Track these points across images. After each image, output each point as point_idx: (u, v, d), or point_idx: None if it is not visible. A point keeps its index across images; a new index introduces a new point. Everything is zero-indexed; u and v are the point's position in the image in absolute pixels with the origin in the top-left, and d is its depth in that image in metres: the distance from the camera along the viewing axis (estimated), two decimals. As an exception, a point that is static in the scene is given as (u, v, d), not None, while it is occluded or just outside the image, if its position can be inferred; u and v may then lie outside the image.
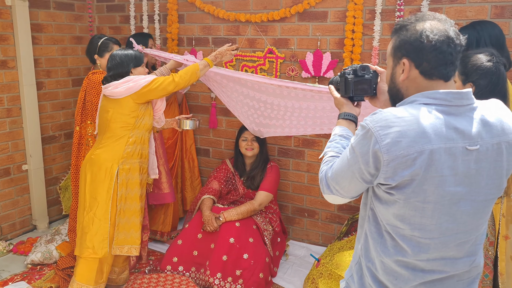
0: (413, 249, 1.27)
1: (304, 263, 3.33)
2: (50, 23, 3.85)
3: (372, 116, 1.25)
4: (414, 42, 1.26)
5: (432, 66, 1.26)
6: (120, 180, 2.67)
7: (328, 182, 1.37)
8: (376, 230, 1.34)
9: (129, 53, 2.73)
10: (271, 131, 3.11)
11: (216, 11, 3.56)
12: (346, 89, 1.55)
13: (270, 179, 3.30)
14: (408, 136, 1.18)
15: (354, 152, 1.27)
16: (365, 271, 1.39)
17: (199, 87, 3.85)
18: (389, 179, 1.21)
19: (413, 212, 1.23)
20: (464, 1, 2.80)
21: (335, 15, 3.19)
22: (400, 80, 1.32)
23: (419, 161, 1.18)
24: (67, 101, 4.05)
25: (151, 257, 3.42)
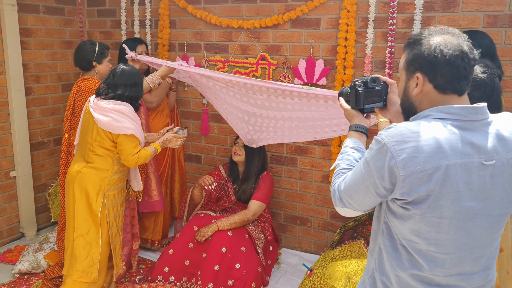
0: (429, 263, 1.26)
1: (297, 271, 3.30)
2: (39, 28, 3.80)
3: (387, 130, 1.25)
4: (428, 56, 1.26)
5: (446, 80, 1.25)
6: (108, 206, 2.68)
7: (341, 195, 1.36)
8: (391, 244, 1.33)
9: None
10: (264, 139, 3.09)
11: (208, 17, 3.54)
12: (356, 101, 1.54)
13: (264, 189, 3.24)
14: (424, 152, 1.18)
15: (369, 166, 1.26)
16: (379, 285, 1.38)
17: (191, 93, 3.82)
18: (405, 194, 1.21)
19: (428, 228, 1.23)
20: (457, 10, 2.80)
21: (328, 22, 3.18)
22: (413, 94, 1.32)
23: (435, 177, 1.18)
24: (56, 107, 3.99)
25: (142, 265, 3.37)
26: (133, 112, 2.70)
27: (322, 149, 3.39)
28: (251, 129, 3.04)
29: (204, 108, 3.78)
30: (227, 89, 2.88)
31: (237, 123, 3.09)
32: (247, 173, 3.31)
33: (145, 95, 3.42)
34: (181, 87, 3.84)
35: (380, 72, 3.06)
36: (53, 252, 3.31)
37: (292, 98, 2.64)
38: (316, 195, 3.48)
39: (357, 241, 2.79)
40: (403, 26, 2.96)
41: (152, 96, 3.46)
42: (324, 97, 2.51)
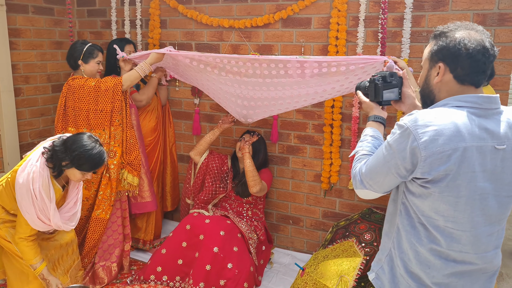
0: (446, 239, 1.38)
1: (289, 271, 3.30)
2: (28, 28, 3.76)
3: (409, 116, 1.37)
4: (452, 48, 1.37)
5: (466, 72, 1.37)
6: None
7: (362, 177, 1.49)
8: (409, 223, 1.44)
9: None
10: (259, 112, 3.09)
11: (199, 16, 3.52)
12: (376, 94, 1.67)
13: (264, 174, 3.31)
14: (444, 135, 1.30)
15: (391, 149, 1.38)
16: (397, 262, 1.49)
17: (182, 93, 3.80)
18: (425, 173, 1.32)
19: (447, 206, 1.34)
20: (447, 9, 2.82)
21: (319, 21, 3.18)
22: (434, 82, 1.44)
23: (453, 158, 1.30)
24: (46, 108, 3.96)
25: (133, 267, 3.35)
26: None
27: (314, 148, 3.39)
28: (246, 105, 3.05)
29: (196, 108, 3.76)
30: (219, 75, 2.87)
31: (231, 101, 3.10)
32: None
33: (134, 94, 3.40)
34: (172, 87, 3.83)
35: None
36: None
37: (285, 77, 2.67)
38: (308, 195, 3.48)
39: (349, 240, 2.79)
40: (393, 25, 2.96)
41: (140, 94, 3.44)
42: (318, 65, 2.52)
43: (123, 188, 3.15)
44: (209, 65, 2.86)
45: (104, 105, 3.04)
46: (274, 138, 3.48)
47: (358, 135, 3.19)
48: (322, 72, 2.56)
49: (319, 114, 3.33)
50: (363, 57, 2.45)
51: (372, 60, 2.40)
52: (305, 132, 3.40)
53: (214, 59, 2.77)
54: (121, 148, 3.12)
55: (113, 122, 3.08)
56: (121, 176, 3.13)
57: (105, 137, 3.06)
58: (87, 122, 3.06)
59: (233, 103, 3.11)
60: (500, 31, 2.71)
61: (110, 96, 3.03)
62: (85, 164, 2.38)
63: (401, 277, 1.47)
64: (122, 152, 3.12)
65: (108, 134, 3.07)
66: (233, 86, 2.91)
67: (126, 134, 3.16)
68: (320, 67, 2.52)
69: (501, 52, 2.73)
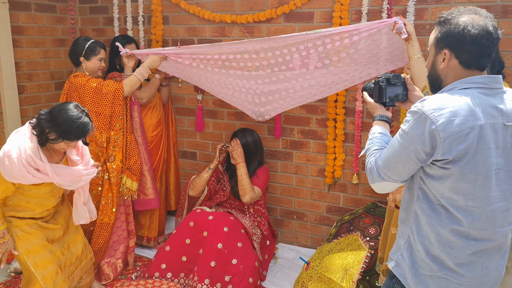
0: (467, 218, 1.41)
1: (294, 266, 3.30)
2: (31, 26, 3.76)
3: (421, 102, 1.40)
4: (456, 35, 1.40)
5: (471, 57, 1.41)
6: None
7: (379, 170, 1.50)
8: (428, 207, 1.46)
9: None
10: (274, 107, 3.06)
11: (201, 12, 3.52)
12: (379, 96, 1.71)
13: (260, 178, 3.27)
14: (460, 115, 1.33)
15: (408, 136, 1.40)
16: (417, 247, 1.51)
17: (185, 89, 3.80)
18: (446, 154, 1.35)
19: (466, 184, 1.38)
20: (450, 2, 2.80)
21: (321, 15, 3.17)
22: (440, 68, 1.47)
23: (471, 136, 1.34)
24: (49, 105, 3.91)
25: (138, 263, 3.36)
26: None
27: (317, 143, 3.38)
28: (257, 102, 3.04)
29: (199, 104, 3.76)
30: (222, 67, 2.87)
31: (242, 99, 3.09)
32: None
33: (135, 91, 3.41)
34: (175, 83, 3.83)
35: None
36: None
37: (288, 70, 2.69)
38: (312, 189, 3.48)
39: (354, 234, 2.79)
40: (397, 19, 2.95)
41: (141, 92, 3.45)
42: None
43: (122, 192, 3.15)
44: (209, 65, 2.87)
45: (103, 109, 3.03)
46: (278, 133, 3.48)
47: (361, 129, 3.19)
48: (325, 64, 2.57)
49: (322, 109, 3.32)
50: (372, 22, 2.46)
51: (383, 24, 2.41)
52: (309, 127, 3.39)
53: (212, 55, 2.79)
54: (121, 153, 3.11)
55: (113, 126, 3.06)
56: (121, 180, 3.13)
57: (101, 141, 3.05)
58: None
59: (244, 101, 3.10)
60: (504, 23, 2.70)
61: (110, 101, 3.02)
62: (71, 133, 2.32)
63: (422, 261, 1.50)
64: (122, 157, 3.12)
65: (105, 138, 3.05)
66: (242, 82, 2.91)
67: (127, 139, 3.15)
68: (324, 44, 2.53)
69: (504, 44, 2.72)
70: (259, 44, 2.65)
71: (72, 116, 2.31)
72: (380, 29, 2.44)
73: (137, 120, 3.32)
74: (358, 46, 2.53)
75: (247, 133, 3.31)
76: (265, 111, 3.11)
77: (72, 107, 2.36)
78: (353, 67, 2.65)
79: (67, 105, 2.35)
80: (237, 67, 2.81)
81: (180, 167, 4.01)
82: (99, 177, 3.04)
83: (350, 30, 2.46)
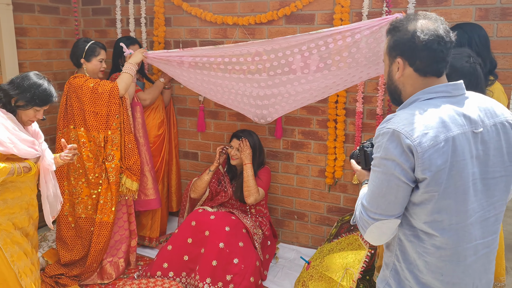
0: (453, 238, 1.33)
1: (294, 266, 3.33)
2: (34, 27, 3.80)
3: (388, 122, 1.32)
4: (407, 42, 1.35)
5: (425, 64, 1.35)
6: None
7: (368, 213, 1.36)
8: (412, 233, 1.38)
9: None
10: (276, 110, 3.09)
11: (203, 14, 3.55)
12: (366, 161, 1.61)
13: (262, 178, 3.30)
14: (432, 127, 1.27)
15: (388, 160, 1.29)
16: (405, 275, 1.42)
17: (187, 90, 3.83)
18: (426, 170, 1.26)
19: (449, 201, 1.30)
20: (449, 4, 2.83)
21: (322, 17, 3.20)
22: (396, 77, 1.42)
23: (446, 149, 1.26)
24: (52, 106, 3.97)
25: (140, 262, 3.39)
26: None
27: (318, 143, 3.41)
28: (259, 105, 3.06)
29: (200, 105, 3.79)
30: (224, 71, 2.90)
31: (244, 103, 3.11)
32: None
33: (139, 93, 3.44)
34: (177, 84, 3.86)
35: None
36: (52, 250, 3.31)
37: (289, 73, 2.72)
38: (312, 190, 3.51)
39: (354, 234, 2.82)
40: (397, 21, 2.98)
41: (145, 93, 3.48)
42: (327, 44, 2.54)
43: (121, 192, 3.17)
44: (212, 69, 2.90)
45: (100, 108, 3.06)
46: (279, 134, 3.50)
47: (362, 130, 3.22)
48: (327, 64, 2.60)
49: (323, 110, 3.35)
50: (373, 20, 2.47)
51: (384, 20, 2.43)
52: (309, 127, 3.42)
53: (215, 58, 2.82)
54: (120, 152, 3.13)
55: (110, 125, 3.09)
56: (120, 180, 3.15)
57: (99, 140, 3.08)
58: (84, 122, 3.09)
59: (246, 105, 3.12)
60: (502, 26, 2.73)
61: (106, 100, 3.05)
62: (39, 98, 2.33)
63: None
64: (120, 157, 3.14)
65: (102, 137, 3.08)
66: (245, 85, 2.92)
67: (124, 139, 3.16)
68: (327, 44, 2.55)
69: (503, 46, 2.75)
70: (262, 46, 2.67)
71: (36, 82, 2.35)
72: (382, 26, 2.46)
73: (139, 120, 3.35)
74: (360, 45, 2.55)
75: (247, 134, 3.34)
76: (268, 114, 3.14)
77: (33, 74, 2.40)
78: (354, 66, 2.67)
79: (27, 73, 2.40)
80: (239, 70, 2.84)
81: (182, 168, 4.04)
82: (98, 177, 3.07)
83: (352, 29, 2.48)
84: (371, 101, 3.18)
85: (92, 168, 3.08)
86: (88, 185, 3.11)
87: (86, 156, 3.07)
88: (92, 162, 3.08)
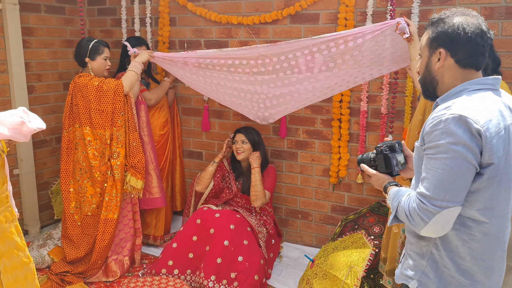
0: (499, 225, 1.40)
1: (298, 264, 3.33)
2: (40, 27, 3.83)
3: (450, 108, 1.33)
4: (451, 33, 1.40)
5: (466, 56, 1.40)
6: None
7: (432, 202, 1.32)
8: (458, 221, 1.37)
9: None
10: (278, 111, 3.12)
11: (208, 13, 3.57)
12: (387, 165, 1.60)
13: (268, 179, 3.31)
14: (494, 115, 1.32)
15: (457, 145, 1.28)
16: (445, 263, 1.43)
17: (192, 90, 3.84)
18: (493, 156, 1.30)
19: (501, 189, 1.35)
20: (454, 3, 2.84)
21: (326, 17, 3.21)
22: (435, 68, 1.45)
23: (505, 137, 1.33)
24: (58, 105, 4.02)
25: (145, 260, 3.40)
26: None
27: (322, 143, 3.42)
28: (262, 106, 3.09)
29: (205, 105, 3.81)
30: (228, 73, 2.92)
31: (246, 105, 3.14)
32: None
33: (144, 93, 3.46)
34: (181, 84, 3.88)
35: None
36: (57, 248, 3.33)
37: (294, 73, 2.73)
38: (316, 189, 3.51)
39: (358, 232, 2.82)
40: (401, 20, 2.99)
41: (151, 93, 3.50)
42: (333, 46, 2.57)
43: (126, 190, 3.19)
44: (215, 71, 2.93)
45: (105, 106, 3.08)
46: (283, 133, 3.52)
47: (366, 129, 3.22)
48: (329, 67, 2.61)
49: (327, 109, 3.36)
50: (375, 24, 2.50)
51: (386, 25, 2.45)
52: (314, 127, 3.43)
53: (219, 60, 2.85)
54: (124, 150, 3.15)
55: (115, 123, 3.11)
56: (125, 178, 3.17)
57: (105, 138, 3.10)
58: (89, 120, 3.11)
59: (248, 106, 3.15)
60: (508, 25, 2.73)
61: (111, 97, 3.07)
62: None
63: (451, 277, 1.42)
64: (125, 154, 3.16)
65: (108, 134, 3.10)
66: (247, 87, 2.95)
67: (129, 137, 3.18)
68: (329, 48, 2.57)
69: (508, 44, 2.75)
70: (265, 50, 2.70)
71: None
72: (384, 30, 2.48)
73: (143, 119, 3.37)
74: (362, 48, 2.57)
75: (247, 130, 3.37)
76: (269, 115, 3.16)
77: None
78: (356, 68, 2.69)
79: None
80: (243, 72, 2.87)
81: (186, 167, 4.06)
82: (104, 174, 3.09)
83: (354, 34, 2.50)
84: (376, 100, 3.19)
85: (98, 166, 3.10)
86: (93, 184, 3.13)
87: (92, 154, 3.09)
88: (98, 160, 3.10)
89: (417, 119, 2.40)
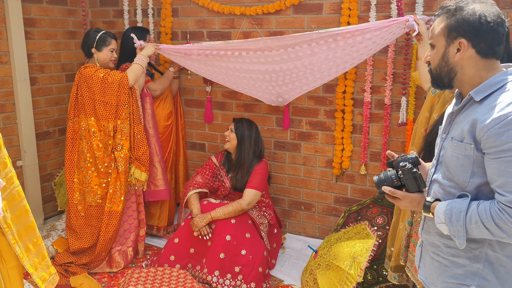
0: None
1: (301, 256, 3.34)
2: (43, 18, 3.81)
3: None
4: (472, 23, 1.33)
5: (488, 46, 1.34)
6: None
7: None
8: None
9: None
10: (293, 94, 3.15)
11: (210, 4, 3.55)
12: (418, 184, 1.48)
13: (257, 176, 3.18)
14: None
15: None
16: (501, 262, 1.38)
17: (194, 81, 3.84)
18: None
19: None
20: (459, -8, 2.81)
21: (330, 7, 3.19)
22: (455, 59, 1.38)
23: None
24: (61, 97, 4.02)
25: (148, 251, 3.41)
26: None
27: (325, 134, 3.41)
28: (274, 85, 3.08)
29: (208, 96, 3.80)
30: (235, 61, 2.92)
31: (259, 85, 3.12)
32: (238, 158, 3.23)
33: (149, 83, 3.45)
34: (184, 75, 3.86)
35: (384, 56, 3.07)
36: (61, 239, 3.35)
37: (309, 44, 2.68)
38: (320, 180, 3.51)
39: (362, 223, 2.82)
40: (405, 10, 2.96)
41: (156, 84, 3.49)
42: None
43: (130, 183, 3.19)
44: (224, 56, 2.92)
45: (109, 98, 3.07)
46: (286, 124, 3.50)
47: (369, 120, 3.21)
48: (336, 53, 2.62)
49: (330, 100, 3.35)
50: (383, 21, 2.49)
51: (394, 22, 2.43)
52: (317, 118, 3.42)
53: (225, 51, 2.84)
54: (128, 142, 3.14)
55: (119, 115, 3.10)
56: (130, 171, 3.17)
57: (108, 130, 3.10)
58: (94, 112, 3.11)
59: (262, 88, 3.14)
60: (513, 14, 2.70)
61: (116, 89, 3.07)
62: None
63: (508, 273, 1.38)
64: (130, 147, 3.16)
65: (112, 126, 3.10)
66: (257, 66, 2.93)
67: (134, 129, 3.17)
68: (336, 41, 2.57)
69: (514, 35, 2.73)
70: (271, 42, 2.69)
71: None
72: (391, 27, 2.47)
73: (149, 111, 3.36)
74: (367, 42, 2.57)
75: (241, 123, 3.27)
76: (283, 92, 3.13)
77: None
78: (362, 49, 2.69)
79: None
80: (249, 61, 2.87)
81: (189, 159, 4.06)
82: (108, 166, 3.09)
83: (362, 29, 2.49)
84: (379, 91, 3.17)
85: (102, 158, 3.10)
86: (98, 174, 3.13)
87: (96, 145, 3.09)
88: (102, 152, 3.10)
89: (424, 117, 2.38)
